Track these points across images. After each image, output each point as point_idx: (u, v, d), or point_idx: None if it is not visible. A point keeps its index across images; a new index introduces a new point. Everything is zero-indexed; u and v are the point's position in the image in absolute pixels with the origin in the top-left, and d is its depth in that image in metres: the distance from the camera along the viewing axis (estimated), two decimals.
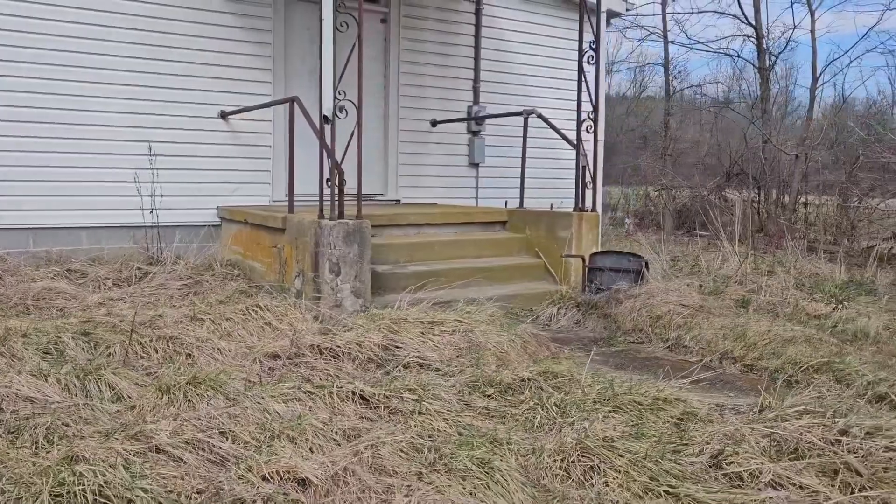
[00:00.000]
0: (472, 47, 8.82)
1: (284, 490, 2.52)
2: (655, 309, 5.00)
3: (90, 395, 3.41)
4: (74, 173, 6.42)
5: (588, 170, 6.29)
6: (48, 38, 6.22)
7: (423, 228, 6.48)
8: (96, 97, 6.44)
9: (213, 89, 7.01)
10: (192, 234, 7.01)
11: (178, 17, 6.78)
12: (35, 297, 5.26)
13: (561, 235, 6.24)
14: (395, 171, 8.38)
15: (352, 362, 3.91)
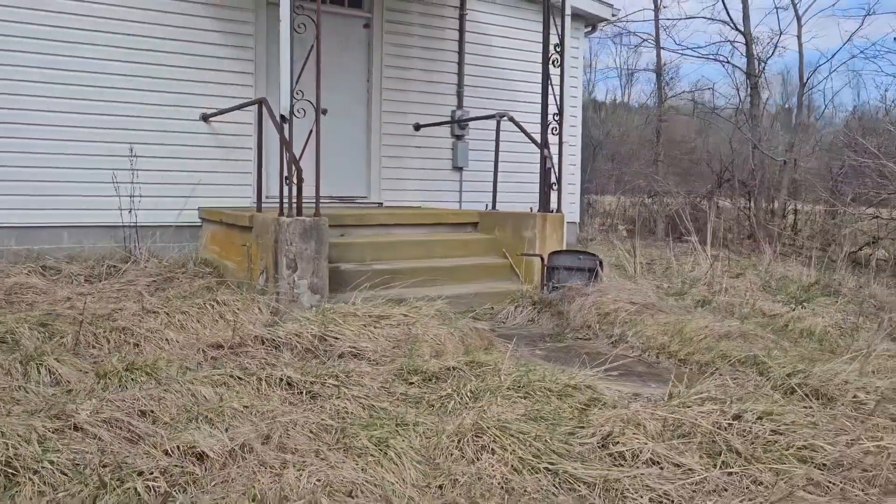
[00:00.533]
0: (457, 52, 8.96)
1: (182, 463, 2.66)
2: (604, 306, 5.09)
3: (29, 379, 3.58)
4: (55, 173, 6.65)
5: (553, 171, 6.39)
6: (28, 41, 6.47)
7: (393, 229, 6.61)
8: (77, 99, 6.67)
9: (195, 92, 7.22)
10: (172, 233, 7.22)
11: (159, 22, 7.01)
12: (7, 292, 5.46)
13: (526, 236, 6.34)
14: (377, 174, 8.53)
15: (290, 352, 4.05)
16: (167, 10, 7.04)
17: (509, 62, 9.27)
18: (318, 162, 5.40)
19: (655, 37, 14.49)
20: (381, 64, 8.44)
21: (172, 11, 7.07)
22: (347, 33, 8.29)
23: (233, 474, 2.64)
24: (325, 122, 8.17)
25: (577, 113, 10.04)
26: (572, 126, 9.89)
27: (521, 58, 9.30)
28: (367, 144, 8.49)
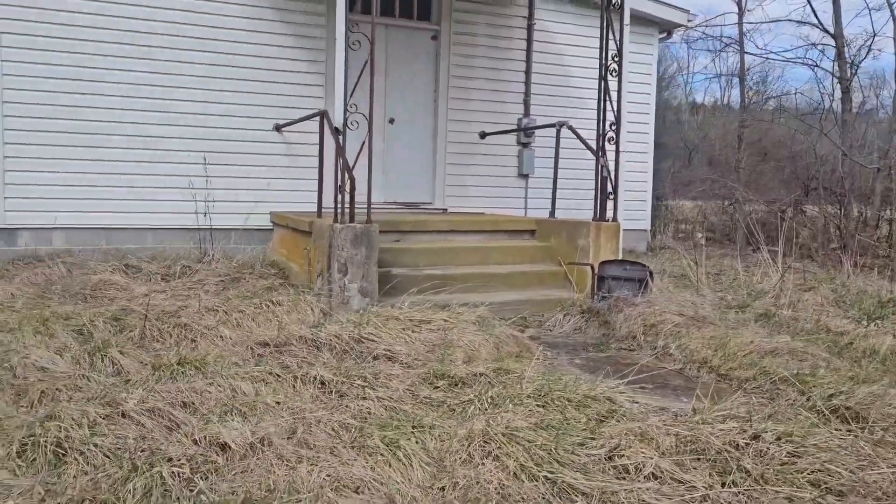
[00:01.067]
0: (524, 61, 9.01)
1: (207, 453, 2.87)
2: (651, 318, 5.02)
3: (94, 369, 3.93)
4: (140, 180, 7.18)
5: (609, 180, 6.34)
6: (115, 59, 7.02)
7: (449, 235, 6.74)
8: (161, 112, 7.19)
9: (269, 104, 7.61)
10: (245, 236, 7.64)
11: (237, 39, 7.45)
12: (92, 288, 5.95)
13: (580, 244, 6.33)
14: (442, 180, 8.70)
15: (330, 352, 4.24)
16: (244, 29, 7.46)
17: (578, 70, 9.22)
18: (370, 171, 5.59)
19: (739, 41, 13.97)
20: (447, 74, 8.60)
21: (249, 30, 7.48)
22: (416, 45, 8.50)
23: (251, 465, 2.82)
24: (393, 131, 8.47)
25: (650, 120, 9.87)
26: (643, 133, 9.79)
27: (590, 65, 9.19)
28: (433, 152, 8.67)
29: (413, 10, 8.44)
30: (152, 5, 7.12)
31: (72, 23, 6.87)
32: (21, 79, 6.75)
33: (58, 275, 6.31)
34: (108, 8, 6.98)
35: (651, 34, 9.72)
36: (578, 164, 8.53)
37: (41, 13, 6.77)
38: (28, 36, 6.74)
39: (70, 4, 6.85)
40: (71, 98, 6.90)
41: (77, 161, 6.96)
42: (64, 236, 7.05)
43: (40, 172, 6.85)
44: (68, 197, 6.96)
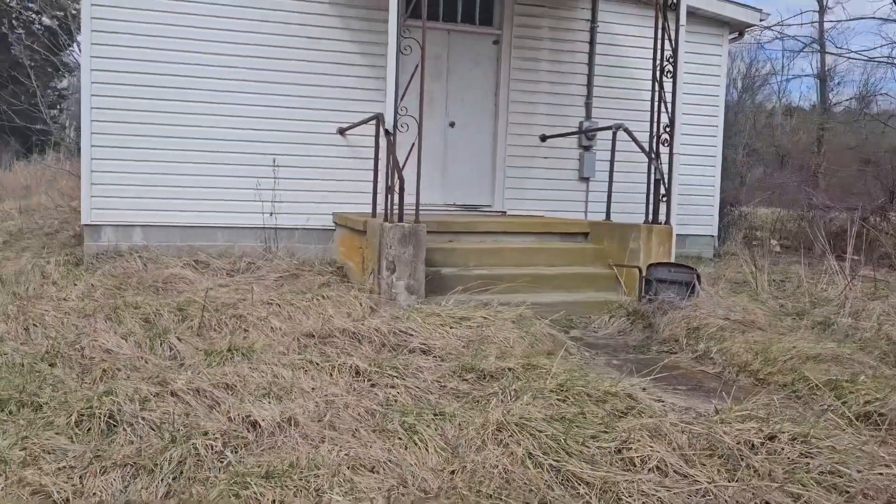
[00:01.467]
0: (586, 64, 9.01)
1: (239, 429, 3.10)
2: (694, 321, 4.98)
3: (153, 352, 4.26)
4: (212, 181, 7.62)
5: (663, 183, 6.29)
6: (194, 67, 7.49)
7: (501, 237, 6.84)
8: (233, 116, 7.61)
9: (334, 108, 7.89)
10: (309, 235, 7.99)
11: (300, 46, 7.80)
12: (164, 281, 6.38)
13: (631, 247, 6.30)
14: (502, 183, 8.79)
15: (369, 345, 4.43)
16: (310, 36, 7.81)
17: (641, 72, 9.04)
18: (418, 172, 5.78)
19: (819, 40, 13.33)
20: (508, 78, 8.70)
21: (312, 37, 7.82)
22: (478, 49, 8.65)
23: (279, 443, 3.04)
24: (453, 134, 8.64)
25: (718, 122, 9.66)
26: (711, 136, 9.60)
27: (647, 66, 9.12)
28: (493, 155, 8.78)
29: (475, 15, 8.60)
30: (232, 16, 7.55)
31: (156, 35, 7.38)
32: (107, 86, 7.30)
33: (134, 268, 6.79)
34: (190, 19, 7.45)
35: (720, 34, 9.51)
36: (639, 167, 8.45)
37: (129, 25, 7.31)
38: (115, 46, 7.29)
39: (155, 17, 7.36)
40: (151, 104, 7.40)
41: (154, 163, 7.45)
42: (142, 233, 7.56)
43: (122, 174, 7.38)
44: (147, 196, 7.46)
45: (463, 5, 8.53)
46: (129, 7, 7.30)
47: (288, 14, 7.75)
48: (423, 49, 5.70)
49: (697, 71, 9.43)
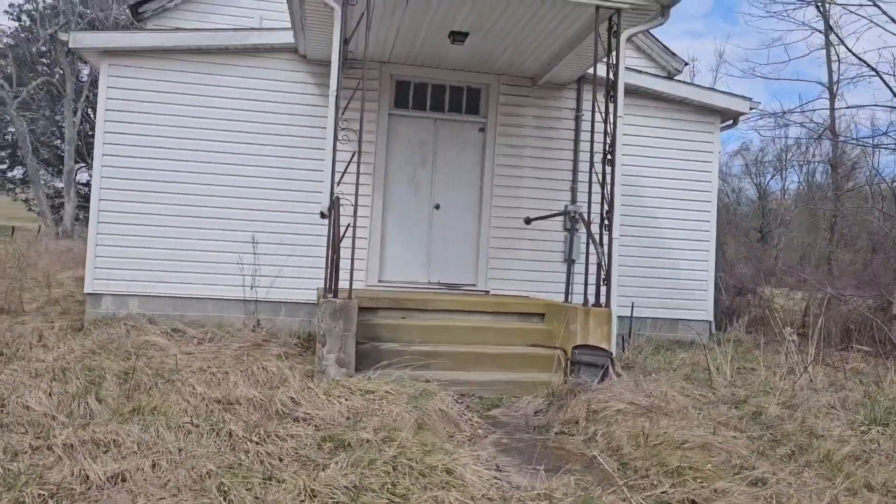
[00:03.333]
0: (571, 150, 9.31)
1: (74, 482, 3.43)
2: (597, 404, 5.01)
3: (68, 411, 4.68)
4: (199, 255, 8.26)
5: (602, 266, 6.41)
6: (195, 154, 8.25)
7: (455, 315, 7.06)
8: (221, 196, 8.28)
9: (310, 190, 8.39)
10: (295, 309, 8.43)
11: (277, 133, 8.46)
12: (138, 347, 6.91)
13: (571, 329, 6.39)
14: (485, 264, 9.05)
15: (262, 412, 4.72)
16: (288, 125, 8.48)
17: (626, 157, 9.30)
18: (353, 251, 6.17)
19: (831, 127, 13.05)
20: (493, 163, 9.08)
21: (287, 124, 8.49)
22: (464, 136, 9.11)
23: (103, 496, 3.34)
24: (438, 216, 9.03)
25: (711, 208, 9.66)
26: (704, 221, 9.62)
27: (636, 153, 9.31)
28: (478, 236, 9.08)
29: (462, 105, 9.11)
30: (213, 116, 8.34)
31: (151, 134, 8.23)
32: (113, 169, 8.15)
33: (118, 335, 7.37)
34: (179, 120, 8.29)
35: (711, 122, 9.64)
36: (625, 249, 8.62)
37: (131, 127, 8.20)
38: (121, 147, 8.16)
39: (150, 118, 8.24)
40: (147, 185, 8.20)
41: (148, 238, 8.18)
42: (138, 302, 8.20)
43: (122, 247, 8.11)
44: (142, 269, 8.14)
45: (450, 96, 9.06)
46: (133, 112, 8.21)
47: (265, 114, 8.48)
48: (360, 138, 6.16)
49: (689, 157, 9.57)
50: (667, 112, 9.51)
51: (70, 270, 13.33)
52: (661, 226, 9.49)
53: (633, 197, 9.26)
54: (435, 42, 7.86)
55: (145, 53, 8.27)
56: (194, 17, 10.87)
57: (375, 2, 6.53)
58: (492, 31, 7.45)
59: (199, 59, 8.37)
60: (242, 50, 8.46)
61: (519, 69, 8.74)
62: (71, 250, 17.37)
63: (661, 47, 12.12)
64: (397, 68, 8.80)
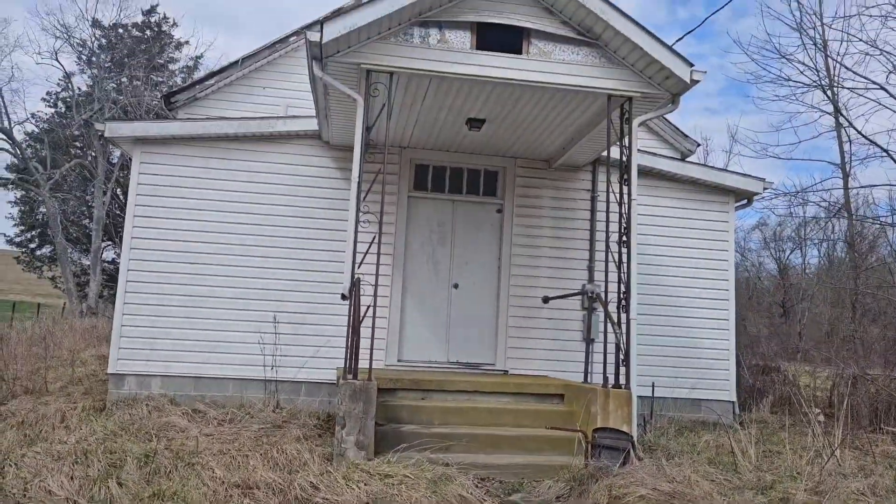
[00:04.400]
0: (588, 230, 9.44)
1: None
2: (619, 490, 4.94)
3: (90, 495, 4.71)
4: (222, 335, 8.37)
5: (621, 348, 6.42)
6: (216, 245, 8.51)
7: (474, 395, 7.05)
8: (242, 277, 8.48)
9: (331, 270, 8.55)
10: (316, 389, 8.48)
11: (296, 215, 8.70)
12: (159, 428, 6.95)
13: (591, 411, 6.35)
14: (504, 343, 9.07)
15: (281, 497, 4.71)
16: (317, 207, 8.75)
17: (642, 237, 9.41)
18: (373, 332, 6.23)
19: (846, 207, 13.13)
20: (511, 243, 9.23)
21: (312, 206, 8.75)
22: (482, 217, 9.31)
23: None
24: (457, 295, 9.14)
25: (729, 286, 9.67)
26: (723, 300, 9.63)
27: (655, 232, 9.43)
28: (496, 315, 9.14)
29: (479, 187, 9.35)
30: (235, 199, 8.65)
31: (177, 217, 8.53)
32: (141, 251, 8.40)
33: (139, 416, 7.42)
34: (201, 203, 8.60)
35: (725, 202, 9.77)
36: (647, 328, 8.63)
37: (159, 211, 8.51)
38: (149, 229, 8.46)
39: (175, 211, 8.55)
40: (170, 266, 8.42)
41: (172, 318, 8.34)
42: (160, 382, 8.29)
43: (146, 327, 8.28)
44: (163, 349, 8.27)
45: (467, 179, 9.31)
46: (162, 196, 8.54)
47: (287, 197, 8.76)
48: (381, 221, 6.34)
49: (705, 236, 9.67)
50: (681, 192, 9.67)
51: (94, 348, 13.49)
52: (679, 304, 9.49)
53: (651, 276, 9.31)
54: (452, 129, 8.16)
55: (176, 141, 8.66)
56: (224, 105, 11.40)
57: (396, 94, 6.85)
58: (507, 119, 7.74)
59: (227, 145, 8.73)
60: (268, 136, 8.82)
61: (534, 153, 9.01)
62: (95, 328, 17.59)
63: (672, 129, 12.42)
64: (416, 153, 9.11)
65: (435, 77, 6.60)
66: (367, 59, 6.40)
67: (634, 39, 6.36)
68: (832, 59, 13.58)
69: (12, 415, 7.41)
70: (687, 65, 6.45)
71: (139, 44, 29.57)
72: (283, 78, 11.74)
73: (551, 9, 6.62)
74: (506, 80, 6.56)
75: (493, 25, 6.57)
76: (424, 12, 6.43)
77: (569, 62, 6.66)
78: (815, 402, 11.40)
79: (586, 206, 9.49)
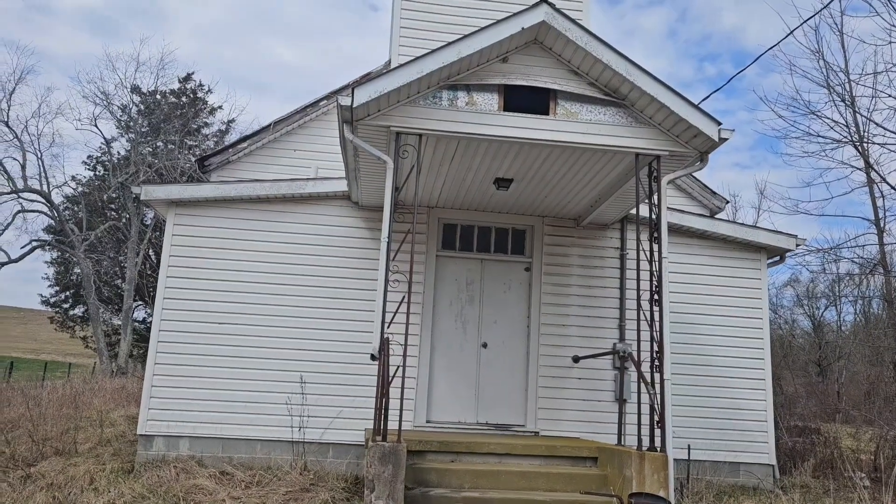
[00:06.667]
0: (618, 288, 9.36)
1: None
2: None
3: None
4: (248, 396, 8.36)
5: (656, 409, 6.27)
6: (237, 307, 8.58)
7: (505, 458, 6.90)
8: (268, 337, 8.50)
9: (359, 330, 8.55)
10: (344, 451, 8.38)
11: (324, 285, 8.76)
12: (187, 492, 6.90)
13: (626, 475, 6.16)
14: (534, 403, 8.91)
15: None
16: (345, 266, 8.81)
17: (675, 295, 9.30)
18: (402, 393, 6.20)
19: (882, 262, 12.86)
20: (539, 301, 9.17)
21: (349, 267, 8.81)
22: (510, 275, 9.29)
23: None
24: (486, 355, 9.06)
25: (764, 345, 9.46)
26: (758, 359, 9.42)
27: (686, 290, 9.31)
28: (526, 375, 9.01)
29: (507, 246, 9.36)
30: (283, 251, 8.75)
31: (204, 288, 8.65)
32: (173, 311, 8.49)
33: (167, 478, 7.37)
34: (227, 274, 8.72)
35: (757, 258, 9.65)
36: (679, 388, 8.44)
37: (191, 272, 8.65)
38: (181, 290, 8.58)
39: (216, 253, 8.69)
40: (199, 327, 8.49)
41: (199, 379, 8.36)
42: (188, 443, 8.25)
43: (176, 388, 8.30)
44: (192, 409, 8.27)
45: (495, 237, 9.34)
46: (194, 256, 8.70)
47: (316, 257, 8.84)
48: (410, 281, 6.36)
49: (737, 293, 9.52)
50: (711, 249, 9.59)
51: (123, 408, 13.55)
52: (713, 363, 9.29)
53: (683, 334, 9.15)
54: (480, 188, 8.24)
55: (208, 203, 8.84)
56: (256, 167, 11.67)
57: (424, 155, 6.96)
58: (535, 178, 7.80)
59: (259, 206, 8.90)
60: (298, 198, 8.98)
61: (563, 211, 9.03)
62: (124, 387, 17.72)
63: (700, 186, 12.41)
64: (444, 212, 9.19)
65: (463, 138, 6.70)
66: (397, 122, 6.54)
67: (661, 99, 6.42)
68: (861, 115, 13.56)
69: (42, 476, 7.41)
70: (714, 123, 6.48)
71: (175, 109, 30.62)
72: (314, 140, 12.02)
73: (577, 71, 6.74)
74: (533, 140, 6.65)
75: (520, 88, 6.70)
76: (453, 76, 6.59)
77: (596, 122, 6.74)
78: (860, 465, 10.96)
79: (615, 264, 9.43)
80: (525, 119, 6.67)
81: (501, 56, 6.70)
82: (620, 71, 6.45)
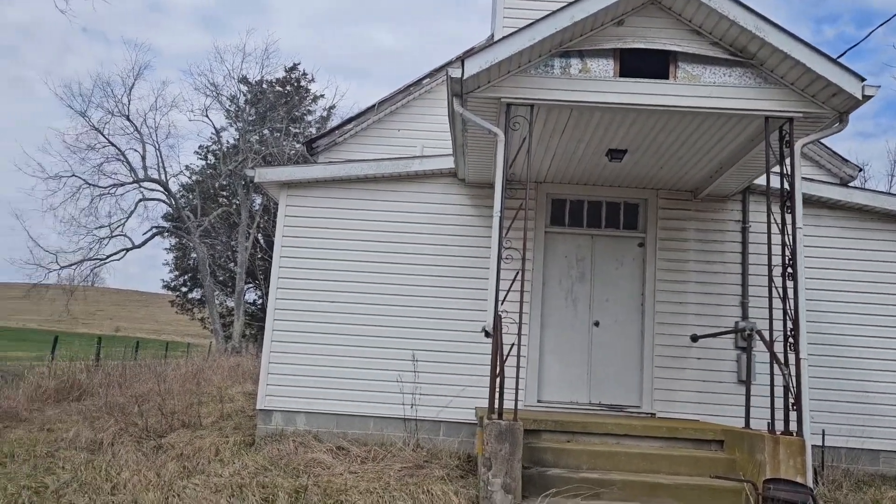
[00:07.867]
0: (740, 263, 8.82)
1: None
2: None
3: None
4: (361, 373, 8.46)
5: (791, 391, 5.83)
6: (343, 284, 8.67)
7: (623, 439, 6.65)
8: (383, 315, 8.56)
9: (471, 308, 8.49)
10: (455, 429, 8.37)
11: (433, 263, 8.69)
12: (306, 464, 7.06)
13: (758, 460, 5.78)
14: (650, 384, 8.57)
15: None
16: (453, 245, 8.73)
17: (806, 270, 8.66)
18: (517, 372, 6.03)
19: None
20: (654, 278, 8.78)
21: (457, 245, 8.72)
22: (622, 251, 8.94)
23: None
24: (598, 333, 8.80)
25: None
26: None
27: (814, 265, 8.66)
28: (640, 355, 8.68)
29: (619, 221, 9.00)
30: (391, 229, 8.79)
31: (318, 257, 8.79)
32: (287, 290, 8.70)
33: (286, 451, 7.58)
34: (343, 243, 8.80)
35: None
36: (815, 371, 7.93)
37: (303, 251, 8.82)
38: (295, 269, 8.77)
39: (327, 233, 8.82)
40: (310, 306, 8.65)
41: (314, 356, 8.54)
42: (305, 419, 8.47)
43: (291, 365, 8.52)
44: (308, 386, 8.46)
45: (606, 212, 9.01)
46: (306, 237, 8.86)
47: (424, 235, 8.80)
48: (524, 257, 6.18)
49: (874, 268, 8.80)
50: (844, 220, 8.86)
51: (239, 385, 14.15)
52: (847, 343, 8.62)
53: (814, 311, 8.51)
54: (591, 161, 7.93)
55: (318, 183, 8.98)
56: (361, 148, 11.79)
57: (534, 127, 6.74)
58: (650, 149, 7.42)
59: (366, 186, 8.95)
60: (405, 176, 8.96)
61: (679, 183, 8.58)
62: (239, 365, 18.54)
63: (829, 153, 11.52)
64: (552, 187, 8.93)
65: (576, 107, 6.44)
66: (507, 93, 6.35)
67: (795, 56, 5.91)
68: None
69: (171, 447, 7.79)
70: (858, 79, 5.91)
71: (280, 98, 31.61)
72: (418, 119, 12.00)
73: (699, 30, 6.31)
74: (652, 106, 6.29)
75: (637, 51, 6.35)
76: (565, 43, 6.32)
77: (720, 84, 6.30)
78: None
79: (737, 238, 8.88)
80: (643, 84, 6.32)
81: (617, 19, 6.37)
82: (749, 27, 5.98)
